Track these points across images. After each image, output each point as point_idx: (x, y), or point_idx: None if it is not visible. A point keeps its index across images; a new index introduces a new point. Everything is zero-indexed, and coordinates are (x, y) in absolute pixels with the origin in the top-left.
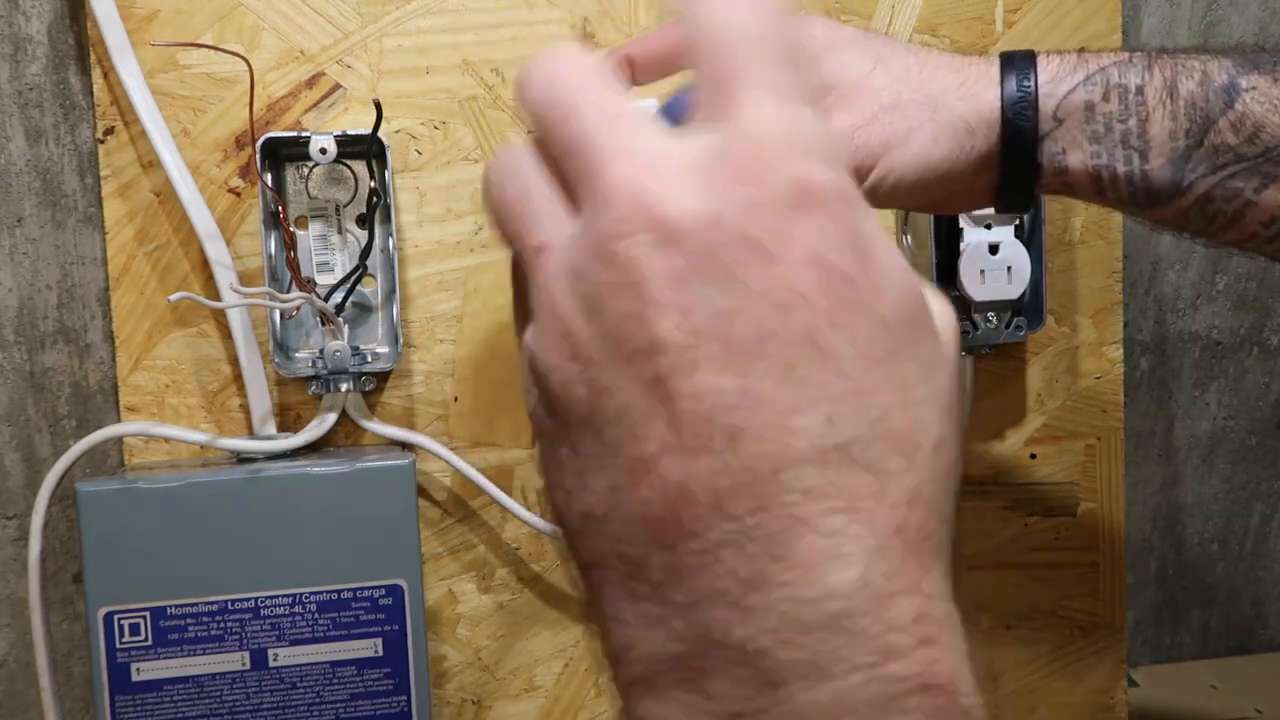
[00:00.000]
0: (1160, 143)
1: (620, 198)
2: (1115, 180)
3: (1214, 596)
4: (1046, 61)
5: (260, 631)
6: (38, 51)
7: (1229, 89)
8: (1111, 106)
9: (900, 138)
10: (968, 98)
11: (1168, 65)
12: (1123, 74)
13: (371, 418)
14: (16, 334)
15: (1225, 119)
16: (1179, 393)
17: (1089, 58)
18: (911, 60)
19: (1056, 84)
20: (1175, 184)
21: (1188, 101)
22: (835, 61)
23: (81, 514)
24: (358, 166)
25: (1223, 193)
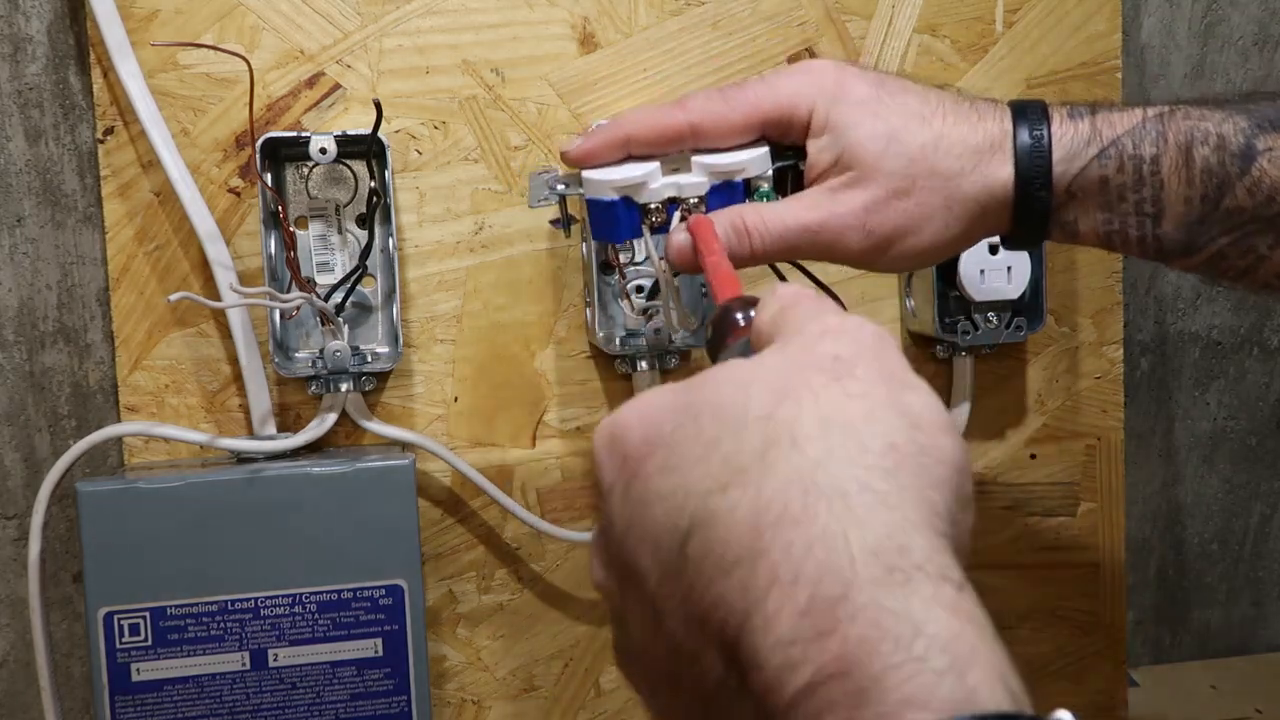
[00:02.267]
0: (1174, 208)
1: None
2: (1127, 241)
3: (1214, 596)
4: (1060, 133)
5: (260, 631)
6: (38, 51)
7: (1245, 153)
8: (1126, 178)
9: (914, 225)
10: (981, 179)
11: (1182, 129)
12: (1137, 144)
13: (371, 418)
14: (16, 334)
15: (1241, 184)
16: (1179, 393)
17: (1102, 125)
18: (926, 136)
19: (1070, 161)
20: (1189, 244)
21: (1203, 168)
22: (851, 136)
23: (81, 514)
24: (358, 166)
25: (1236, 250)
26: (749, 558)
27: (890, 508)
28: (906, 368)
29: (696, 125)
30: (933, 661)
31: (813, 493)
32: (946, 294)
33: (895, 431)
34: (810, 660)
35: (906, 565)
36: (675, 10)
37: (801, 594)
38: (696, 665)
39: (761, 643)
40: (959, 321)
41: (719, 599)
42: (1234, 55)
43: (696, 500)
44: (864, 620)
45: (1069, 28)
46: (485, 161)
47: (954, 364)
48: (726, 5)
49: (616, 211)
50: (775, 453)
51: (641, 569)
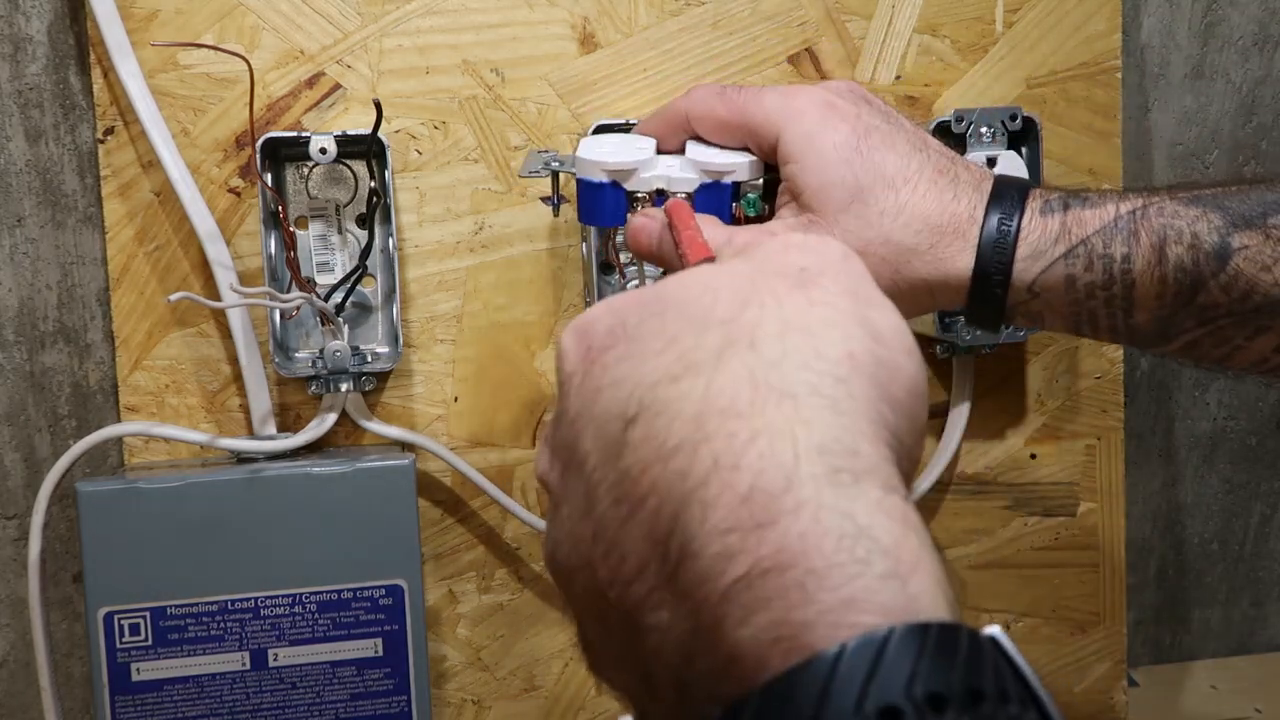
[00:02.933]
0: (1146, 303)
1: None
2: (1097, 330)
3: (1214, 596)
4: (1029, 229)
5: (260, 631)
6: (38, 51)
7: (1220, 252)
8: (1095, 277)
9: (857, 291)
10: (935, 262)
11: (1155, 227)
12: (1107, 243)
13: (371, 418)
14: (16, 334)
15: (1216, 281)
16: (1179, 393)
17: (1072, 225)
18: (889, 204)
19: (1035, 259)
20: (1161, 335)
21: (1176, 266)
22: (816, 180)
23: (81, 514)
24: (358, 166)
25: (1211, 341)
26: (690, 444)
27: (840, 413)
28: (873, 287)
29: (690, 111)
30: (875, 565)
31: (762, 389)
32: None
33: (854, 340)
34: (749, 550)
35: (853, 468)
36: (675, 10)
37: (742, 481)
38: (617, 552)
39: (698, 530)
40: (959, 321)
41: (655, 483)
42: (1234, 55)
43: (645, 389)
44: (806, 515)
45: (1069, 28)
46: (485, 161)
47: (954, 364)
48: (726, 5)
49: (604, 194)
50: (731, 351)
51: (582, 452)
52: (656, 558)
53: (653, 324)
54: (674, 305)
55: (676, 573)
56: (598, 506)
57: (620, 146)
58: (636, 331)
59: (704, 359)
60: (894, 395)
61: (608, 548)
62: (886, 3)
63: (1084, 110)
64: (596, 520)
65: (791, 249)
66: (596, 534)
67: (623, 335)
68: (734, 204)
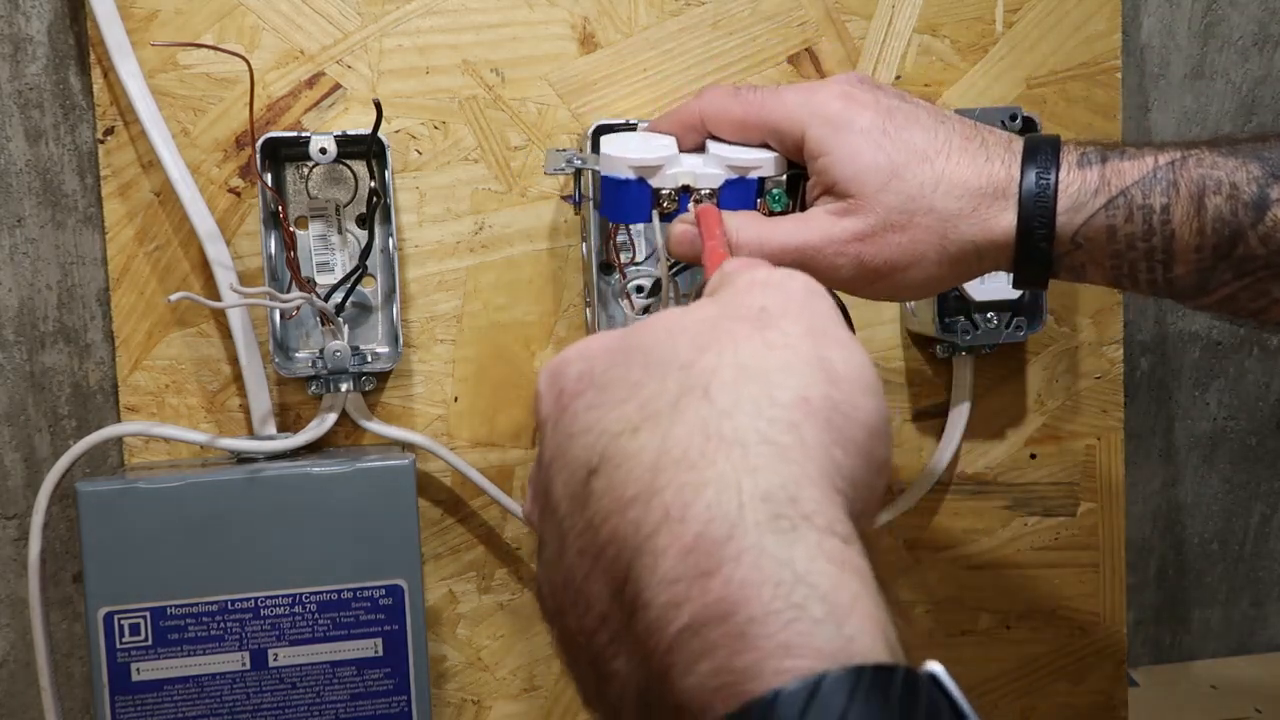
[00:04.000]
0: (1185, 255)
1: None
2: (1137, 284)
3: (1214, 596)
4: (1068, 182)
5: (260, 631)
6: (38, 51)
7: (1258, 203)
8: (1135, 228)
9: (908, 261)
10: (980, 223)
11: (1194, 177)
12: (1146, 194)
13: (371, 418)
14: (16, 334)
15: (1254, 232)
16: (1179, 393)
17: (1111, 174)
18: (926, 175)
19: (1076, 211)
20: (1200, 288)
21: (1215, 217)
22: (851, 167)
23: (81, 514)
24: (358, 166)
25: (1249, 294)
26: (644, 496)
27: (788, 461)
28: (837, 323)
29: (705, 112)
30: (812, 609)
31: (714, 440)
32: (946, 294)
33: (810, 385)
34: (692, 599)
35: (794, 514)
36: (675, 10)
37: (689, 532)
38: (582, 600)
39: (649, 580)
40: (959, 321)
41: (613, 534)
42: (1234, 55)
43: (608, 439)
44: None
45: (1069, 28)
46: (485, 161)
47: (954, 364)
48: (726, 5)
49: (630, 191)
50: (687, 400)
51: (555, 499)
52: (616, 607)
53: (618, 371)
54: (639, 351)
55: (630, 622)
56: (567, 555)
57: (643, 144)
58: (604, 379)
59: (662, 408)
60: (849, 437)
61: (575, 596)
62: (886, 3)
63: (1084, 110)
64: (567, 569)
65: (755, 288)
66: (566, 581)
67: (590, 382)
68: (759, 199)
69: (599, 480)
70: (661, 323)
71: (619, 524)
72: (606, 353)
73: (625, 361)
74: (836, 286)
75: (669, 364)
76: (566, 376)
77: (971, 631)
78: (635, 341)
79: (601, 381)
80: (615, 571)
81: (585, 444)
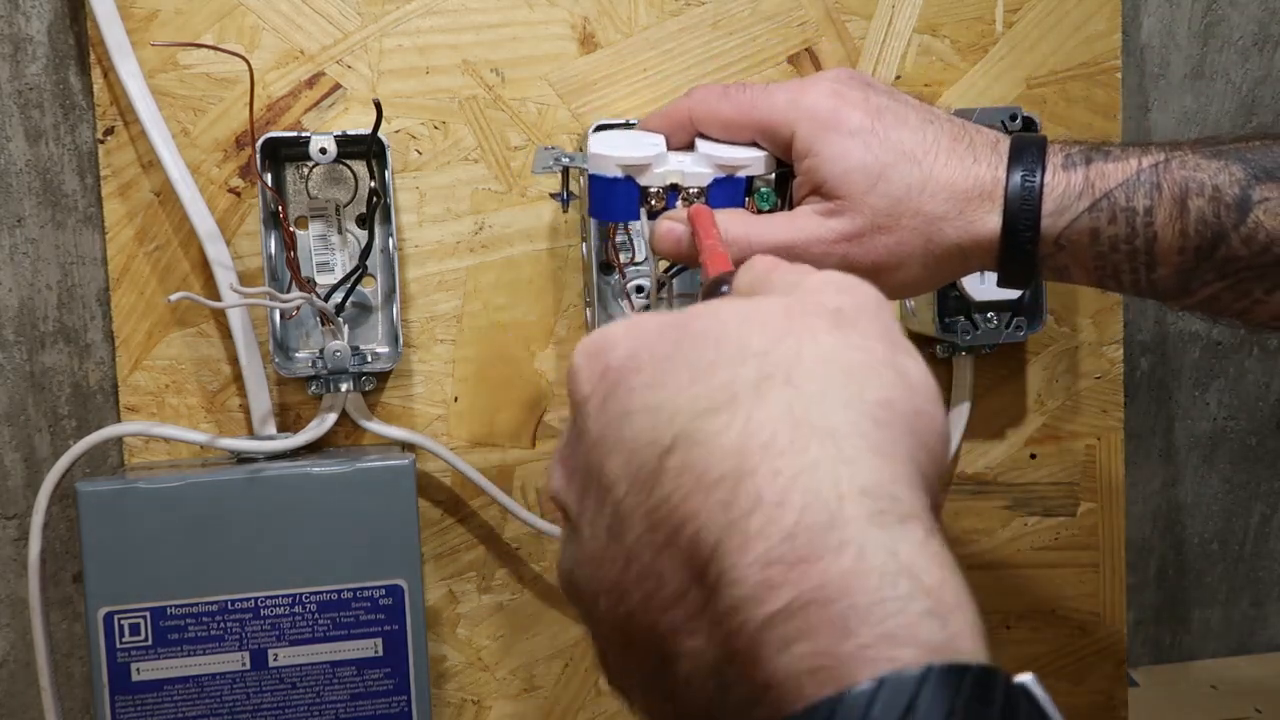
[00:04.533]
0: (1168, 257)
1: None
2: (1120, 285)
3: (1214, 596)
4: (1053, 185)
5: (260, 631)
6: (38, 51)
7: (1241, 204)
8: (1118, 230)
9: (894, 262)
10: (966, 226)
11: (1177, 180)
12: (1130, 196)
13: (371, 418)
14: (16, 334)
15: (1237, 234)
16: (1179, 393)
17: (1095, 177)
18: (913, 178)
19: (1060, 214)
20: (1182, 289)
21: (1197, 219)
22: (839, 166)
23: (81, 514)
24: (358, 166)
25: (1231, 295)
26: (733, 477)
27: (882, 455)
28: (903, 333)
29: (694, 111)
30: (916, 603)
31: (804, 427)
32: (946, 294)
33: (892, 388)
34: (791, 584)
35: (895, 512)
36: (675, 10)
37: (787, 517)
38: (651, 578)
39: (739, 560)
40: (959, 321)
41: (694, 514)
42: (1234, 55)
43: (684, 419)
44: (850, 553)
45: (1069, 28)
46: (485, 161)
47: (954, 364)
48: (726, 5)
49: (618, 189)
50: (769, 385)
51: (609, 479)
52: (694, 585)
53: (683, 352)
54: (705, 337)
55: (713, 600)
56: (629, 532)
57: (632, 142)
58: (664, 360)
59: (741, 391)
60: (927, 444)
61: (641, 574)
62: (886, 3)
63: (1084, 110)
64: (628, 547)
65: (829, 288)
66: (629, 559)
67: (647, 360)
68: (747, 198)
69: (674, 459)
70: (724, 310)
71: (702, 504)
72: (660, 331)
73: (689, 343)
74: None
75: (742, 350)
76: (612, 354)
77: None
78: (698, 326)
79: (661, 362)
80: (696, 551)
81: (652, 423)
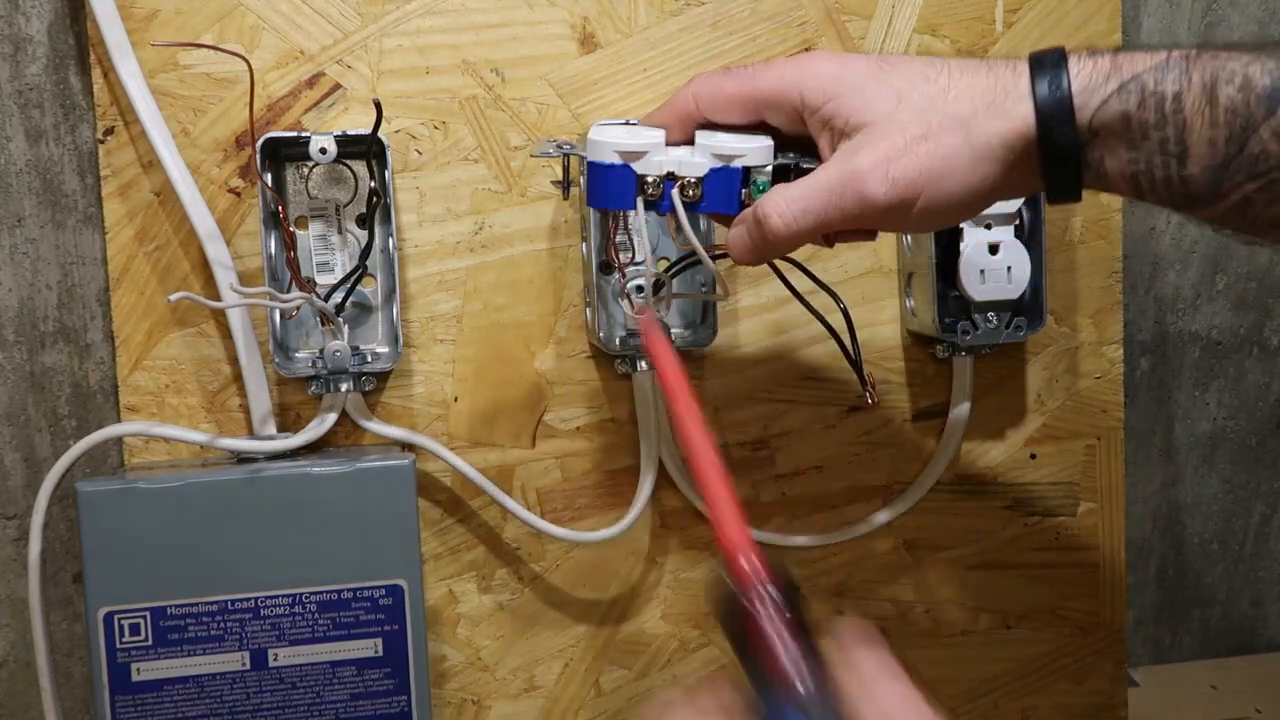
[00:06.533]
0: (1199, 149)
1: None
2: (1154, 184)
3: (1214, 596)
4: (1079, 68)
5: (260, 631)
6: (38, 51)
7: (1271, 95)
8: (1148, 115)
9: (938, 169)
10: (1000, 116)
11: (1207, 68)
12: (1159, 80)
13: (371, 418)
14: (16, 334)
15: (1267, 126)
16: (1179, 393)
17: (1123, 62)
18: (933, 89)
19: (1090, 94)
20: (1214, 189)
21: (1227, 108)
22: (859, 99)
23: (81, 514)
24: (358, 166)
25: (1263, 198)
26: None
27: None
28: None
29: (697, 95)
30: None
31: None
32: (946, 294)
33: None
34: None
35: None
36: (675, 10)
37: None
38: None
39: None
40: (959, 321)
41: None
42: None
43: None
44: None
45: (1069, 28)
46: (485, 161)
47: (954, 364)
48: (726, 5)
49: (614, 176)
50: None
51: None
52: None
53: None
54: None
55: None
56: None
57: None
58: None
59: None
60: None
61: None
62: (886, 3)
63: None
64: None
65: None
66: None
67: None
68: (744, 189)
69: None
70: None
71: None
72: None
73: None
74: (876, 223)
75: None
76: None
77: (971, 631)
78: None
79: None
80: None
81: None
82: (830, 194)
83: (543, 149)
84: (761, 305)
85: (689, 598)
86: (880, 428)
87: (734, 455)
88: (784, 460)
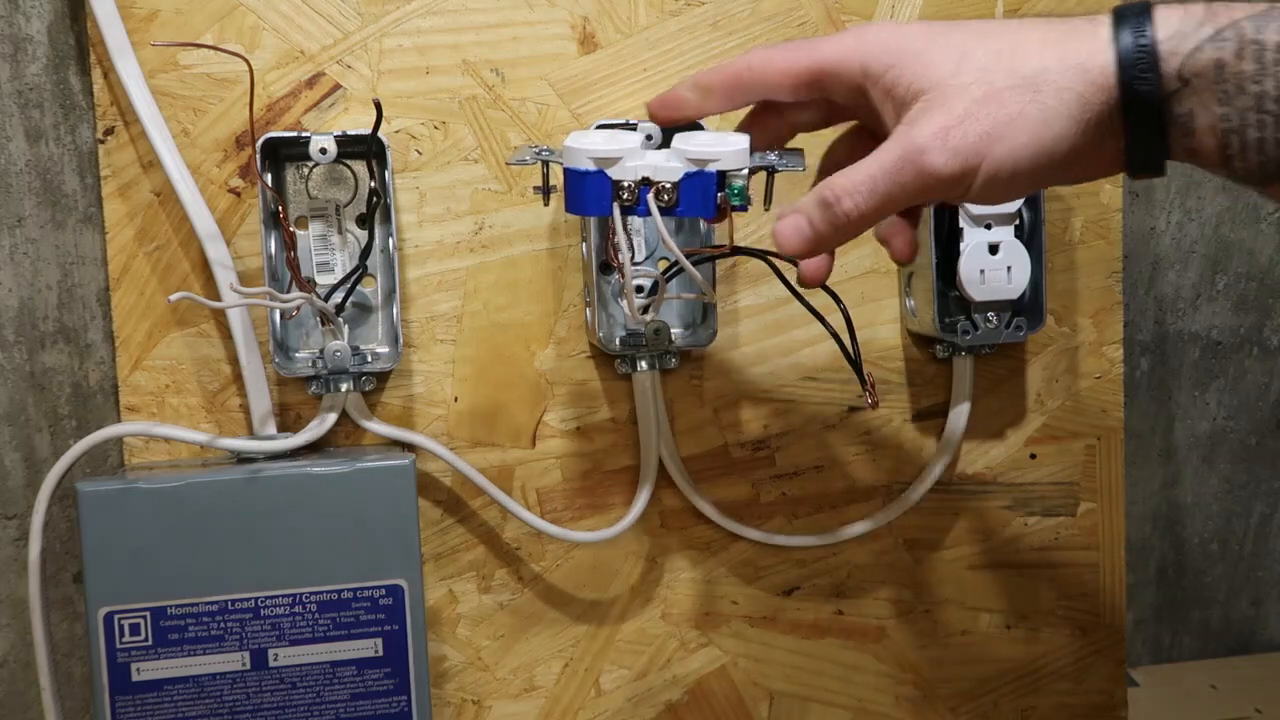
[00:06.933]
0: None
1: None
2: (1245, 148)
3: (1214, 596)
4: (1167, 15)
5: (260, 631)
6: (38, 51)
7: None
8: (1245, 65)
9: (1001, 129)
10: (1074, 69)
11: None
12: (1259, 28)
13: (371, 418)
14: (16, 334)
15: None
16: (1179, 393)
17: (1218, 9)
18: (1001, 44)
19: (1180, 40)
20: None
21: None
22: (918, 64)
23: (81, 514)
24: (358, 166)
25: None
26: None
27: None
28: None
29: (751, 64)
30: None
31: None
32: (946, 294)
33: None
34: None
35: None
36: (675, 10)
37: None
38: None
39: None
40: (959, 321)
41: None
42: None
43: None
44: None
45: None
46: (485, 161)
47: (954, 364)
48: (726, 5)
49: (590, 182)
50: None
51: None
52: None
53: None
54: None
55: None
56: None
57: (608, 138)
58: None
59: None
60: None
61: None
62: (886, 3)
63: None
64: None
65: None
66: None
67: None
68: (719, 194)
69: None
70: None
71: None
72: None
73: None
74: (945, 195)
75: None
76: None
77: (971, 631)
78: None
79: None
80: None
81: None
82: (893, 169)
83: (519, 156)
84: (761, 305)
85: (689, 598)
86: (880, 428)
87: (734, 455)
88: (784, 460)
